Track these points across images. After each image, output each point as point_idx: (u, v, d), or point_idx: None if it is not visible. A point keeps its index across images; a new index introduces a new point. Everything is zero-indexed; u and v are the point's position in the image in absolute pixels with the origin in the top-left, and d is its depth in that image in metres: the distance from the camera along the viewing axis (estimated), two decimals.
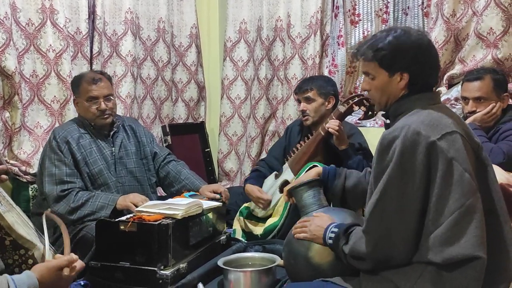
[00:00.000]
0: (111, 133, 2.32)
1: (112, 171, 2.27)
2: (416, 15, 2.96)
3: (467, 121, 2.08)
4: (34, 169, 2.45)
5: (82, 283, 1.76)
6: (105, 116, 2.24)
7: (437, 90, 2.03)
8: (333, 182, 1.68)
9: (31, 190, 2.47)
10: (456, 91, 2.56)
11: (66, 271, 1.15)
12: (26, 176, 2.44)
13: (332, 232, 1.43)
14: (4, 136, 2.36)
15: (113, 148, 2.30)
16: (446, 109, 1.38)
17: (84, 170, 2.19)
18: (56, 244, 2.01)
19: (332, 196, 1.71)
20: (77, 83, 2.26)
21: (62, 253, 1.32)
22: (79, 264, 1.20)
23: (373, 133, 2.79)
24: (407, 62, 1.34)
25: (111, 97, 2.26)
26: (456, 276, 1.20)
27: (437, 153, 1.22)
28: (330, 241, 1.43)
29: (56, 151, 2.15)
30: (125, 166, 2.32)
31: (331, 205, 1.84)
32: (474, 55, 2.49)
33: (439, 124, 1.26)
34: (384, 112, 1.48)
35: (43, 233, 1.48)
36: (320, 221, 1.51)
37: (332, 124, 2.27)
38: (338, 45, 3.14)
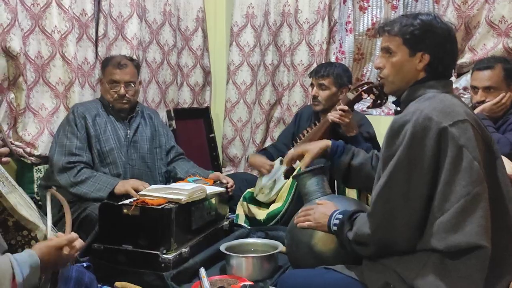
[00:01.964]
0: (129, 116, 2.38)
1: (123, 152, 2.32)
2: (426, 1, 2.91)
3: (476, 111, 2.05)
4: (38, 151, 2.45)
5: (85, 264, 1.76)
6: (124, 101, 2.31)
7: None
8: (341, 157, 1.67)
9: (36, 172, 2.48)
10: (465, 81, 2.53)
11: (66, 250, 1.16)
12: (31, 158, 2.44)
13: (337, 218, 1.42)
14: (9, 117, 2.36)
15: (128, 131, 2.36)
16: (458, 98, 1.37)
17: (95, 147, 2.25)
18: (60, 223, 2.03)
19: (336, 171, 1.69)
20: (105, 64, 2.37)
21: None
22: (79, 243, 1.20)
23: (380, 121, 2.77)
24: (433, 43, 1.34)
25: (133, 84, 2.32)
26: (460, 265, 1.20)
27: (447, 140, 1.21)
28: (335, 228, 1.42)
29: (71, 124, 2.23)
30: (137, 150, 2.37)
31: (335, 192, 1.83)
32: (484, 44, 2.45)
33: (451, 112, 1.25)
34: (395, 99, 1.46)
35: (46, 215, 1.49)
36: (324, 208, 1.50)
37: (334, 115, 2.26)
38: (346, 31, 3.09)
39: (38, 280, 1.11)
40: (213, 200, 2.14)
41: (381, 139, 1.52)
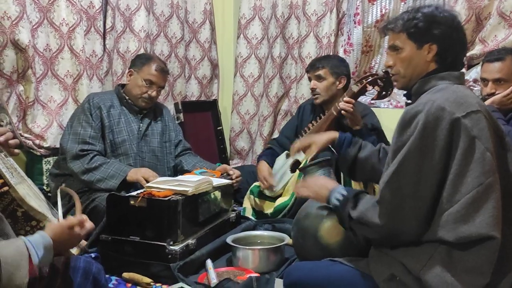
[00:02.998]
0: (143, 111, 2.41)
1: (135, 144, 2.35)
2: None
3: (486, 103, 2.03)
4: (47, 143, 2.48)
5: (93, 255, 1.78)
6: (147, 102, 2.36)
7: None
8: (347, 149, 1.66)
9: (45, 164, 2.50)
10: (475, 72, 2.50)
11: (76, 229, 1.19)
12: (40, 150, 2.47)
13: (341, 194, 1.39)
14: (18, 110, 2.38)
15: (140, 124, 2.40)
16: (469, 90, 1.37)
17: (108, 137, 2.28)
18: (68, 214, 2.05)
19: (342, 163, 1.68)
20: (145, 61, 2.37)
21: None
22: (89, 224, 1.23)
23: (386, 113, 2.75)
24: (439, 33, 1.33)
25: (161, 90, 2.41)
26: (468, 257, 1.19)
27: (460, 131, 1.21)
28: (336, 202, 1.38)
29: (86, 113, 2.26)
30: (148, 144, 2.41)
31: (342, 183, 1.82)
32: (495, 35, 2.42)
33: (464, 102, 1.24)
34: (405, 92, 1.45)
35: (54, 205, 1.50)
36: (325, 180, 1.51)
37: (345, 105, 2.24)
38: (355, 23, 3.06)
39: (51, 259, 1.13)
40: (217, 193, 2.14)
41: (388, 132, 1.51)
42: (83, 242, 1.42)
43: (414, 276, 1.23)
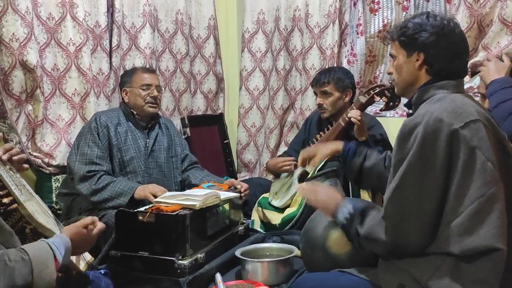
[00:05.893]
0: (149, 126, 2.44)
1: (142, 161, 2.36)
2: (437, 1, 2.87)
3: (491, 81, 1.96)
4: (56, 161, 2.51)
5: (102, 271, 1.79)
6: (154, 105, 2.39)
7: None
8: (353, 158, 1.67)
9: (54, 182, 2.53)
10: (479, 80, 2.49)
11: (91, 226, 1.31)
12: (49, 168, 2.50)
13: (348, 212, 1.38)
14: (28, 129, 2.42)
15: (147, 140, 2.41)
16: (469, 98, 1.36)
17: (116, 156, 2.29)
18: None
19: (348, 172, 1.69)
20: (130, 73, 2.45)
21: None
22: (100, 224, 1.35)
23: (393, 123, 2.74)
24: (424, 41, 1.34)
25: (160, 90, 2.45)
26: (475, 269, 1.18)
27: (459, 141, 1.20)
28: (343, 220, 1.37)
29: (93, 132, 2.27)
30: (155, 160, 2.42)
31: (350, 195, 1.82)
32: (498, 42, 2.42)
33: (462, 112, 1.23)
34: (406, 102, 1.46)
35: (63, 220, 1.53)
36: (334, 193, 1.50)
37: (354, 114, 2.25)
38: (357, 34, 3.08)
39: (69, 259, 1.22)
40: (228, 206, 2.15)
41: (394, 141, 1.51)
42: (91, 258, 1.43)
43: (422, 286, 1.22)
